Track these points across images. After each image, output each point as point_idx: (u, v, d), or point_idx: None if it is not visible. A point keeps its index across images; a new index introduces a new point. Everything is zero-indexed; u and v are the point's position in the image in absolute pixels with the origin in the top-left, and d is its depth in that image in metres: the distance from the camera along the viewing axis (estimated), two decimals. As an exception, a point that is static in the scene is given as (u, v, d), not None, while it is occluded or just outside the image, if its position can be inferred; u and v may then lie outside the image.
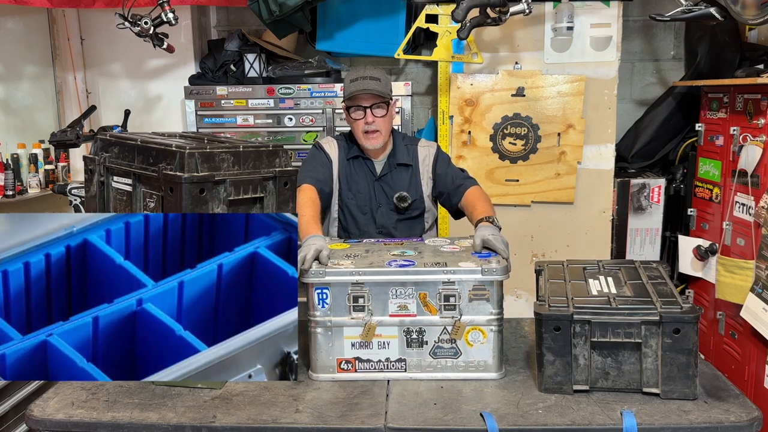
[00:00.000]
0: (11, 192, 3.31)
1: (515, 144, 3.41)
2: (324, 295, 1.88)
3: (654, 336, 1.71)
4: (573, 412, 1.69)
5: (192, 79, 3.76)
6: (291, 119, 3.62)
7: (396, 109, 3.47)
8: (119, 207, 2.02)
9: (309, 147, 3.08)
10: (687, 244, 3.32)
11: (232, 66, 3.76)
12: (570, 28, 3.23)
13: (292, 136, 3.63)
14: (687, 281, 3.48)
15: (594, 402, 1.74)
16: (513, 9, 2.92)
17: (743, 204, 2.88)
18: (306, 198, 2.28)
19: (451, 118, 3.42)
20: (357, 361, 1.90)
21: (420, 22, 3.34)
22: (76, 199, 2.99)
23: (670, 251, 3.64)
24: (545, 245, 3.51)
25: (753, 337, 2.77)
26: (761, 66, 3.07)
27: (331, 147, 2.55)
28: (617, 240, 3.57)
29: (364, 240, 2.28)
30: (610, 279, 1.97)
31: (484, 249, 2.00)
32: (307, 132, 3.62)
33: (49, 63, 3.87)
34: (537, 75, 3.35)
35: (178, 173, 1.79)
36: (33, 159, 3.47)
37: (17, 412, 2.81)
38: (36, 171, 3.48)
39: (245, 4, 3.37)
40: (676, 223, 3.63)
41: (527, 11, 2.93)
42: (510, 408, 1.72)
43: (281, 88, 3.58)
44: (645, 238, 3.57)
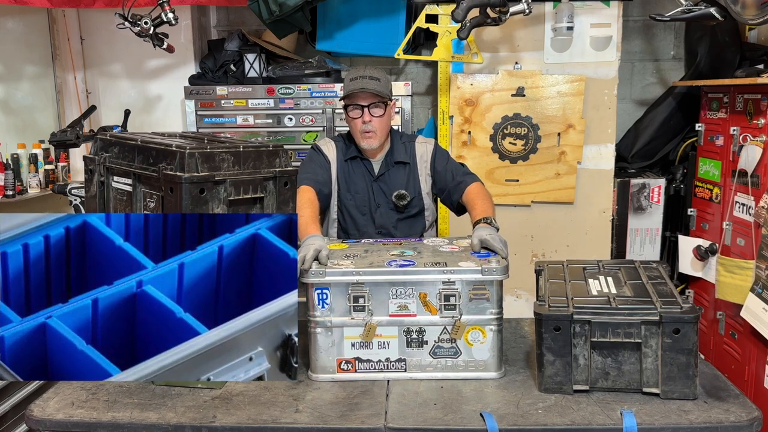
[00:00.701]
0: (11, 192, 3.31)
1: (515, 144, 3.41)
2: (324, 296, 1.88)
3: (654, 336, 1.71)
4: (573, 412, 1.69)
5: (192, 79, 3.76)
6: (291, 119, 3.62)
7: (396, 110, 3.47)
8: (119, 207, 2.02)
9: (309, 147, 3.08)
10: (687, 244, 3.32)
11: (232, 66, 3.76)
12: (570, 28, 3.23)
13: (292, 136, 3.63)
14: (687, 281, 3.48)
15: (594, 402, 1.74)
16: (513, 9, 2.92)
17: (743, 204, 2.88)
18: (305, 199, 2.28)
19: (451, 118, 3.42)
20: (357, 361, 1.90)
21: (420, 22, 3.34)
22: (76, 199, 2.98)
23: (670, 251, 3.64)
24: (545, 245, 3.51)
25: (753, 337, 2.77)
26: (761, 66, 3.07)
27: (329, 148, 2.55)
28: (617, 240, 3.57)
29: (362, 240, 2.28)
30: (610, 279, 1.97)
31: (482, 249, 2.01)
32: (307, 132, 3.62)
33: (49, 63, 3.87)
34: (537, 75, 3.35)
35: (178, 173, 1.79)
36: (33, 159, 3.47)
37: (17, 412, 2.81)
38: (36, 171, 3.47)
39: (245, 4, 3.37)
40: (676, 223, 3.63)
41: (527, 11, 2.93)
42: (510, 408, 1.72)
43: (281, 88, 3.58)
44: (645, 238, 3.57)
